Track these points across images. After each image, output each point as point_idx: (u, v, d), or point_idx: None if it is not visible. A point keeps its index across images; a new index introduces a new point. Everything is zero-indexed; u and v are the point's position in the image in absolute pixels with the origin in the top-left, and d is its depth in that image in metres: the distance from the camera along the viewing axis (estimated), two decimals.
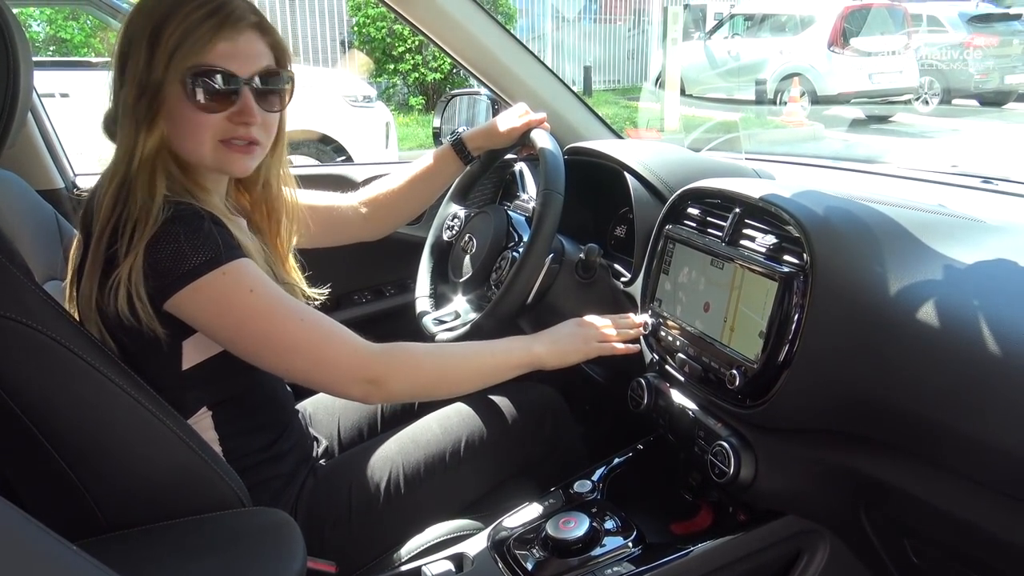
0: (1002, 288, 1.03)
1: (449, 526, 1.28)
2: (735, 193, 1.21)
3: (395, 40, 9.73)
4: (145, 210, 1.02)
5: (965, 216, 1.26)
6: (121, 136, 1.08)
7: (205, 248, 1.02)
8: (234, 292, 1.04)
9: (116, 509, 0.99)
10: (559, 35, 12.72)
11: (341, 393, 1.17)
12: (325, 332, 1.10)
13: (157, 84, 1.05)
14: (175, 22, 1.04)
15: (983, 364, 0.90)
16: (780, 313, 1.05)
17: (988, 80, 10.06)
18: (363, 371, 1.12)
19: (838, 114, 9.62)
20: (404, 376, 1.17)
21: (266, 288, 1.07)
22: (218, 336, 1.08)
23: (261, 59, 1.11)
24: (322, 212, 1.48)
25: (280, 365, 1.11)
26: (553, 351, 1.28)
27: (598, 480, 1.32)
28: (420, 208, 1.65)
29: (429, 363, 1.21)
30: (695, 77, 11.28)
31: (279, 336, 1.07)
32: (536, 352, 1.27)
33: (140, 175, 1.05)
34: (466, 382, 1.26)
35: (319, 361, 1.10)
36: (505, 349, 1.28)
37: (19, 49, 1.01)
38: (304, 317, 1.09)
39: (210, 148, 1.11)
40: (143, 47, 1.05)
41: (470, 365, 1.25)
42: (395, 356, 1.16)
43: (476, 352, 1.28)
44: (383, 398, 1.32)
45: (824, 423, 1.08)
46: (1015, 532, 0.89)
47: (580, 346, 1.30)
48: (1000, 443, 0.87)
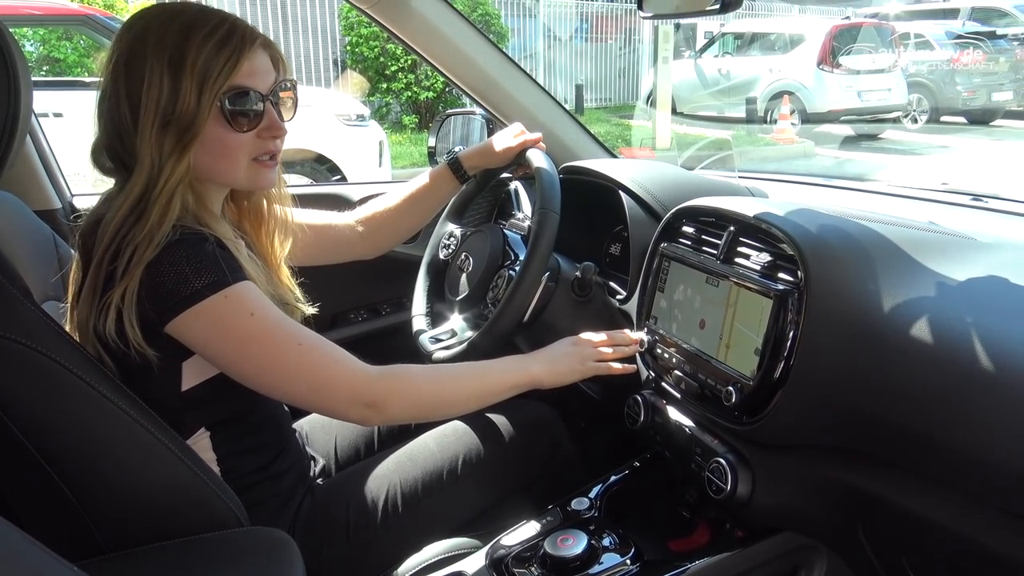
0: (994, 304, 1.04)
1: (447, 544, 1.28)
2: (729, 211, 1.22)
3: (388, 59, 9.77)
4: (150, 235, 1.02)
5: (956, 233, 1.27)
6: (141, 167, 1.06)
7: (208, 271, 1.03)
8: (235, 316, 1.04)
9: (114, 529, 0.99)
10: (551, 54, 12.80)
11: (340, 416, 1.16)
12: (324, 356, 1.10)
13: (190, 113, 1.05)
14: (194, 49, 1.05)
15: (977, 380, 0.91)
16: (775, 330, 1.06)
17: (976, 98, 10.18)
18: (362, 395, 1.12)
19: (828, 131, 9.71)
20: (403, 399, 1.17)
21: (266, 312, 1.07)
22: (218, 360, 1.07)
23: (271, 73, 1.14)
24: (319, 231, 1.49)
25: (279, 389, 1.11)
26: (550, 370, 1.28)
27: (595, 497, 1.32)
28: (417, 226, 1.66)
29: (428, 386, 1.21)
30: (686, 95, 11.38)
31: (278, 360, 1.07)
32: (533, 372, 1.27)
33: (158, 203, 1.05)
34: (464, 403, 1.25)
35: (318, 385, 1.10)
36: (502, 370, 1.27)
37: (20, 69, 1.02)
38: (303, 341, 1.09)
39: (244, 167, 1.14)
40: (163, 76, 1.04)
41: (468, 386, 1.24)
42: (394, 379, 1.16)
43: (474, 373, 1.28)
44: (382, 421, 1.29)
45: (820, 439, 1.09)
46: (1011, 546, 0.89)
47: (576, 366, 1.30)
48: (995, 457, 0.88)
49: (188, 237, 1.04)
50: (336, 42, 10.75)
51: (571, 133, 1.90)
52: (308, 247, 1.43)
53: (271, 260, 1.29)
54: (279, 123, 1.14)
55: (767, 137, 9.41)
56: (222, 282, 1.03)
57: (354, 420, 1.16)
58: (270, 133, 1.14)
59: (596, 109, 12.84)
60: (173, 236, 1.03)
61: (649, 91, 10.55)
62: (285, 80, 1.16)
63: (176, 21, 1.06)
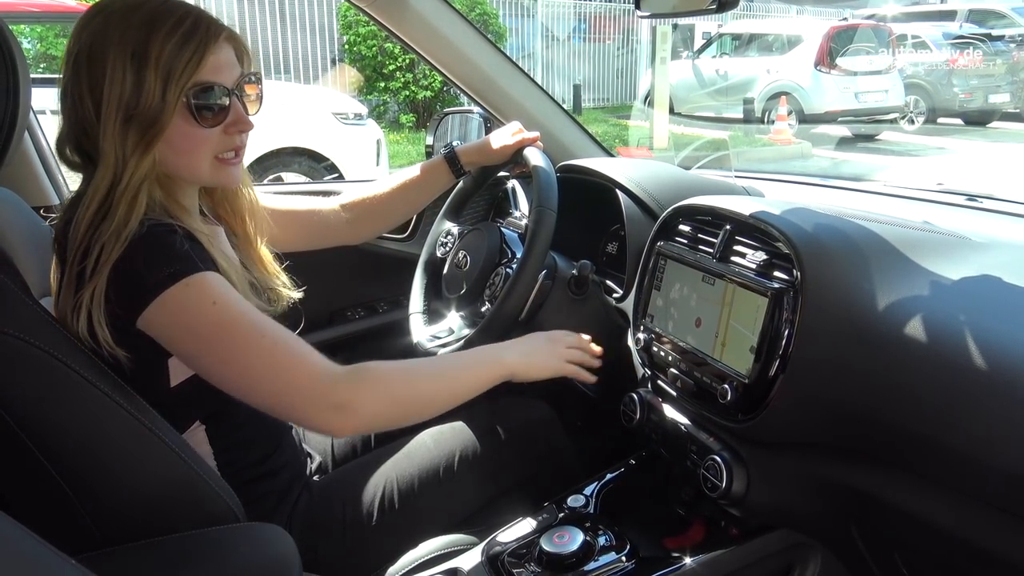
0: (988, 304, 1.05)
1: (443, 541, 1.28)
2: (726, 210, 1.23)
3: (386, 58, 9.77)
4: (117, 232, 1.00)
5: (951, 233, 1.28)
6: (105, 163, 1.04)
7: (171, 261, 1.00)
8: (197, 304, 1.01)
9: (111, 524, 0.99)
10: (549, 54, 12.81)
11: (307, 421, 1.09)
12: (287, 350, 1.05)
13: (154, 108, 1.03)
14: (158, 43, 1.02)
15: (970, 378, 0.92)
16: (771, 328, 1.07)
17: (972, 99, 10.20)
18: (328, 394, 1.05)
19: (825, 132, 9.73)
20: (374, 399, 1.09)
21: (229, 301, 1.03)
22: (182, 353, 1.04)
23: (236, 67, 1.12)
24: (303, 216, 1.48)
25: (242, 387, 1.05)
26: (525, 362, 1.25)
27: (591, 495, 1.32)
28: (405, 215, 1.64)
29: (400, 384, 1.14)
30: (683, 96, 11.39)
31: (239, 352, 1.02)
32: (507, 363, 1.23)
33: (124, 199, 1.02)
34: (441, 402, 1.18)
35: (280, 381, 1.04)
36: (476, 361, 1.23)
37: (19, 66, 1.02)
38: (267, 333, 1.04)
39: (208, 164, 1.11)
40: (125, 72, 1.02)
41: (443, 384, 1.18)
42: (363, 378, 1.08)
43: (448, 368, 1.22)
44: (353, 427, 1.11)
45: (815, 437, 1.09)
46: (1004, 543, 0.90)
47: (552, 362, 1.27)
48: (987, 456, 0.89)
49: (155, 230, 1.02)
50: (334, 41, 10.75)
51: (569, 132, 1.90)
52: (292, 231, 1.42)
53: (251, 245, 1.28)
54: (245, 117, 1.13)
55: (764, 138, 9.42)
56: (184, 271, 1.00)
57: (322, 426, 1.09)
58: (236, 128, 1.12)
59: (594, 109, 12.85)
60: (140, 231, 1.01)
61: (647, 91, 10.57)
62: (250, 74, 1.14)
63: (138, 14, 1.04)
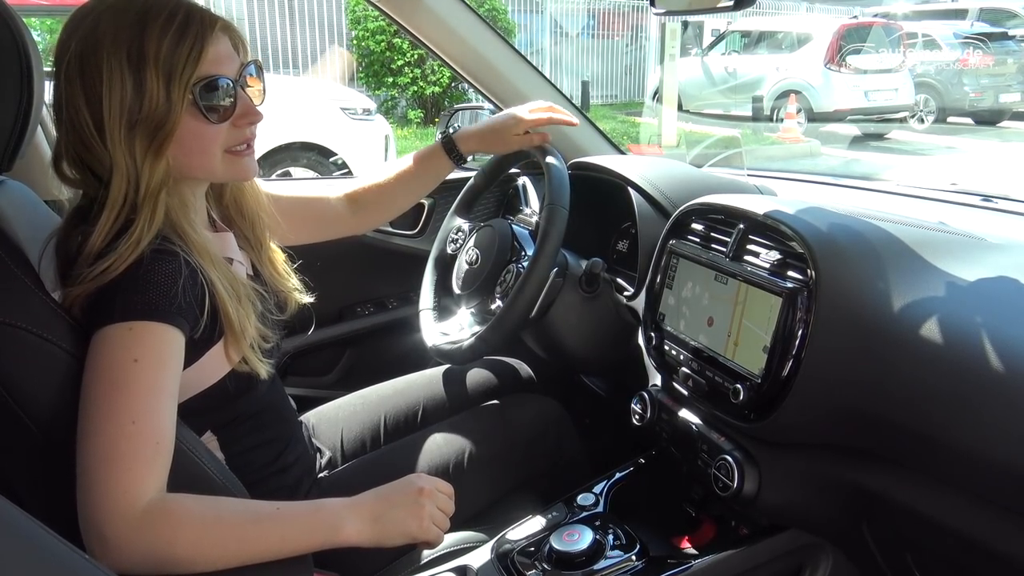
0: (1003, 306, 1.04)
1: (453, 538, 1.28)
2: (739, 209, 1.22)
3: (394, 54, 9.76)
4: (137, 242, 0.95)
5: (966, 233, 1.27)
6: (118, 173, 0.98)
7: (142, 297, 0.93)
8: (119, 350, 0.90)
9: None
10: (557, 50, 12.78)
11: (82, 524, 0.86)
12: (133, 453, 0.87)
13: (160, 110, 0.98)
14: (153, 41, 0.97)
15: (984, 380, 0.91)
16: (784, 328, 1.06)
17: (983, 99, 10.14)
18: (112, 520, 0.84)
19: (834, 131, 9.69)
20: (148, 549, 0.85)
21: (147, 367, 0.90)
22: (84, 381, 0.91)
23: (235, 58, 1.08)
24: (308, 204, 1.46)
25: (79, 440, 0.88)
26: (372, 532, 0.99)
27: (601, 493, 1.32)
28: (407, 204, 1.61)
29: (196, 540, 0.88)
30: (693, 93, 11.35)
31: (104, 413, 0.88)
32: (346, 534, 0.98)
33: (145, 207, 0.98)
34: (238, 562, 0.91)
35: (99, 469, 0.86)
36: (308, 528, 0.96)
37: (33, 59, 1.02)
38: (138, 423, 0.87)
39: (220, 160, 1.08)
40: (124, 74, 0.97)
41: (253, 547, 0.92)
42: (156, 521, 0.86)
43: (268, 533, 0.94)
44: (108, 564, 0.84)
45: (827, 437, 1.09)
46: (1017, 545, 0.90)
47: (411, 527, 1.02)
48: (1000, 458, 0.88)
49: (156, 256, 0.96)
50: (343, 36, 10.75)
51: (580, 129, 1.89)
52: (296, 221, 1.39)
53: (262, 247, 1.25)
54: (254, 108, 1.09)
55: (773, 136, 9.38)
56: (139, 313, 0.92)
57: (87, 542, 0.86)
58: (246, 120, 1.08)
59: (602, 106, 12.83)
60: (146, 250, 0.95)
61: (655, 88, 10.54)
62: (250, 63, 1.10)
63: (128, 13, 0.98)
